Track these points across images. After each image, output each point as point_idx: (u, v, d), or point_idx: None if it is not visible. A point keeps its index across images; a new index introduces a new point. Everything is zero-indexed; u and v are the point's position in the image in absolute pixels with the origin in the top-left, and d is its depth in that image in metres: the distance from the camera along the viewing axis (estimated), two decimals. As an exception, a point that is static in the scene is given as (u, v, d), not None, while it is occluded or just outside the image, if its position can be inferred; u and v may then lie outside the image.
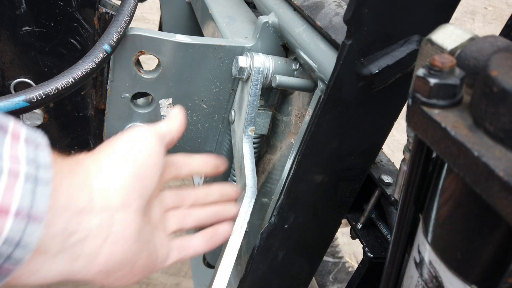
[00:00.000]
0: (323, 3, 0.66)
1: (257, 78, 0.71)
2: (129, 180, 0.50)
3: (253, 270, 0.70)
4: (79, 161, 0.49)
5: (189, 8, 1.26)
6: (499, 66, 0.28)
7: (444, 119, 0.30)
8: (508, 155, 0.27)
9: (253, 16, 0.91)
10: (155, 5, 3.56)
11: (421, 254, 0.38)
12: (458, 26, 0.37)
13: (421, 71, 0.31)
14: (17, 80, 0.74)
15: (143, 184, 0.51)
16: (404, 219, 0.41)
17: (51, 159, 0.41)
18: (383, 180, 0.64)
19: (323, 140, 0.57)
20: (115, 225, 0.47)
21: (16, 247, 0.37)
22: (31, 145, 0.40)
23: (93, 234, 0.45)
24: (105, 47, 0.64)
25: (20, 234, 0.37)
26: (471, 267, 0.33)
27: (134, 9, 0.69)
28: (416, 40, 0.50)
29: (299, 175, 0.61)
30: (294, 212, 0.65)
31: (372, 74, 0.51)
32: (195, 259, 1.12)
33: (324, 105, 0.54)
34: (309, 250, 0.71)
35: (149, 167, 0.52)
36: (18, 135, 0.39)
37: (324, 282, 1.22)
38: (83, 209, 0.44)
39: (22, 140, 0.39)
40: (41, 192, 0.38)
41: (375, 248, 0.66)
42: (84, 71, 0.62)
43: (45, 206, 0.39)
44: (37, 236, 0.38)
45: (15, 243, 0.37)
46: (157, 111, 0.78)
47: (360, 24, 0.48)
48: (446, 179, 0.35)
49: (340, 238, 1.82)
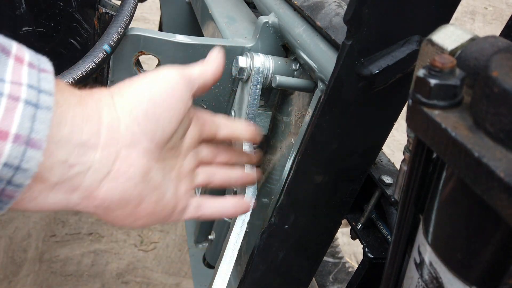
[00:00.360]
0: (323, 3, 0.66)
1: (257, 78, 0.71)
2: (141, 118, 0.47)
3: (253, 270, 0.70)
4: (90, 93, 0.46)
5: (189, 8, 1.26)
6: (499, 66, 0.28)
7: (445, 119, 0.30)
8: (508, 156, 0.27)
9: (253, 16, 0.91)
10: (155, 5, 3.56)
11: (421, 255, 0.38)
12: (458, 26, 0.37)
13: (421, 72, 0.31)
14: (17, 80, 0.74)
15: (158, 125, 0.49)
16: (404, 219, 0.41)
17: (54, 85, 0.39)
18: (383, 180, 0.64)
19: (323, 140, 0.57)
20: (118, 162, 0.46)
21: (16, 171, 0.36)
22: (35, 69, 0.38)
23: (94, 168, 0.44)
24: (105, 47, 0.64)
25: (19, 159, 0.36)
26: (471, 268, 0.33)
27: (134, 9, 0.69)
28: (417, 40, 0.50)
29: (299, 175, 0.61)
30: (294, 212, 0.65)
31: (372, 74, 0.51)
32: (195, 259, 1.12)
33: (324, 105, 0.54)
34: (309, 251, 0.71)
35: (167, 109, 0.49)
36: (22, 58, 0.38)
37: (324, 282, 1.22)
38: (87, 142, 0.43)
39: (25, 63, 0.38)
40: (41, 118, 0.37)
41: (375, 249, 0.66)
42: (84, 71, 0.62)
43: (44, 132, 0.37)
44: (36, 163, 0.37)
45: (14, 167, 0.36)
46: (157, 111, 0.78)
47: (360, 24, 0.48)
48: (446, 180, 0.35)
49: (340, 238, 1.82)
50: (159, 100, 0.49)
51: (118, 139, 0.46)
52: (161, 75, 0.51)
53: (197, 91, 0.55)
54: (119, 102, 0.47)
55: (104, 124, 0.45)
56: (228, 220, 0.93)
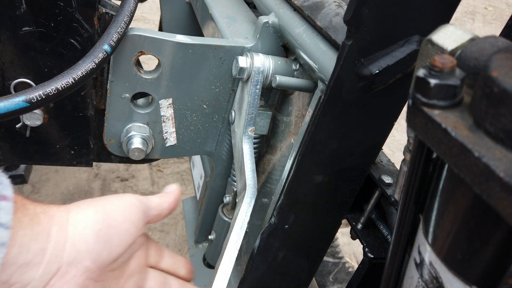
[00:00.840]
0: (323, 3, 0.66)
1: (257, 78, 0.71)
2: (90, 237, 0.49)
3: (253, 270, 0.70)
4: (46, 210, 0.48)
5: (189, 8, 1.26)
6: (499, 66, 0.28)
7: (445, 119, 0.30)
8: (508, 155, 0.27)
9: (253, 16, 0.91)
10: (155, 5, 3.56)
11: (421, 255, 0.38)
12: (458, 26, 0.37)
13: (422, 72, 0.31)
14: (17, 80, 0.74)
15: (105, 246, 0.50)
16: (405, 219, 0.41)
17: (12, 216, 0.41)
18: (383, 180, 0.64)
19: (323, 140, 0.57)
20: (55, 278, 0.47)
21: None
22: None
23: (32, 284, 0.45)
24: (105, 47, 0.63)
25: None
26: (471, 268, 0.33)
27: (134, 9, 0.69)
28: (416, 40, 0.50)
29: (299, 175, 0.61)
30: (294, 212, 0.65)
31: (372, 74, 0.51)
32: (195, 259, 1.12)
33: (324, 105, 0.54)
34: (309, 250, 0.71)
35: (119, 232, 0.52)
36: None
37: (324, 282, 1.22)
38: (31, 260, 0.45)
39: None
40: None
41: (375, 249, 0.66)
42: (84, 71, 0.62)
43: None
44: None
45: None
46: (157, 111, 0.78)
47: (360, 24, 0.48)
48: (446, 179, 0.35)
49: (340, 238, 1.82)
50: (113, 222, 0.51)
51: (62, 256, 0.47)
52: (121, 199, 0.54)
53: (152, 219, 0.58)
54: (72, 219, 0.49)
55: (52, 242, 0.47)
56: (228, 220, 0.93)
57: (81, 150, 0.85)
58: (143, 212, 0.56)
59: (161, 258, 0.63)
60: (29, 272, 0.45)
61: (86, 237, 0.49)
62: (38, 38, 0.71)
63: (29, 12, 0.68)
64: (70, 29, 0.71)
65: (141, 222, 0.55)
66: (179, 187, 0.63)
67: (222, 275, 0.63)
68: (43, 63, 0.73)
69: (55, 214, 0.48)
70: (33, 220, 0.45)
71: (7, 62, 0.72)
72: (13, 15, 0.68)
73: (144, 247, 0.59)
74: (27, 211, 0.45)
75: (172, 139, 0.82)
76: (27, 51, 0.72)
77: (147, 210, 0.56)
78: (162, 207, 0.59)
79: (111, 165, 2.23)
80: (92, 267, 0.50)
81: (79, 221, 0.49)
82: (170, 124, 0.80)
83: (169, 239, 1.99)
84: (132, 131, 0.78)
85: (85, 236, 0.49)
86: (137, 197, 0.56)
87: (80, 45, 0.73)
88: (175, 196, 0.61)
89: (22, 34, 0.70)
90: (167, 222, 2.00)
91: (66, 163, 0.86)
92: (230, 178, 0.91)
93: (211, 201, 0.98)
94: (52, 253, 0.46)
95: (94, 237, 0.49)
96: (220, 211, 0.94)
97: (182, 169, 2.30)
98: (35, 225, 0.45)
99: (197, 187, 1.20)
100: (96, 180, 2.14)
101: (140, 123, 0.78)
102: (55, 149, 0.83)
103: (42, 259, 0.45)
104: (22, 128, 0.78)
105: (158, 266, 0.63)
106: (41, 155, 0.84)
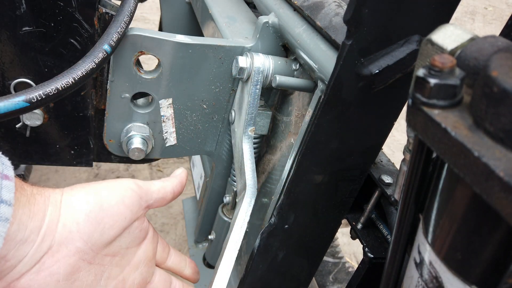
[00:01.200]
0: (323, 3, 0.66)
1: (257, 78, 0.71)
2: (80, 219, 0.50)
3: (253, 270, 0.70)
4: (42, 191, 0.50)
5: (189, 8, 1.26)
6: (499, 66, 0.28)
7: (444, 119, 0.30)
8: (508, 155, 0.27)
9: (253, 16, 0.91)
10: (155, 5, 3.56)
11: (421, 255, 0.38)
12: (458, 26, 0.37)
13: (421, 71, 0.31)
14: (17, 80, 0.74)
15: (97, 228, 0.51)
16: (404, 219, 0.41)
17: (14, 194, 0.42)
18: (383, 180, 0.64)
19: (323, 140, 0.57)
20: (45, 256, 0.48)
21: None
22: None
23: (24, 261, 0.46)
24: (105, 47, 0.63)
25: None
26: (471, 268, 0.33)
27: (134, 9, 0.69)
28: (416, 40, 0.50)
29: (299, 175, 0.61)
30: (294, 212, 0.65)
31: (372, 74, 0.51)
32: (195, 259, 1.12)
33: (324, 105, 0.54)
34: (309, 250, 0.71)
35: (112, 214, 0.52)
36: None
37: (324, 282, 1.22)
38: (28, 237, 0.46)
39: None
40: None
41: (375, 248, 0.66)
42: (84, 71, 0.62)
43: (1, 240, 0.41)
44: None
45: None
46: (157, 111, 0.78)
47: (360, 24, 0.48)
48: (446, 179, 0.35)
49: (340, 238, 1.82)
50: (106, 205, 0.52)
51: (54, 235, 0.48)
52: (116, 183, 0.54)
53: (154, 203, 0.58)
54: (66, 201, 0.50)
55: (46, 221, 0.48)
56: (228, 220, 0.93)
57: (81, 150, 0.85)
58: (140, 196, 0.55)
59: (168, 256, 0.63)
60: (24, 248, 0.46)
61: (77, 218, 0.50)
62: (38, 38, 0.71)
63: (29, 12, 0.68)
64: (70, 29, 0.71)
65: (137, 206, 0.55)
66: (185, 171, 0.62)
67: (222, 275, 0.63)
68: (43, 63, 0.73)
69: (50, 196, 0.50)
70: (30, 200, 0.47)
71: (7, 62, 0.72)
72: (13, 15, 0.68)
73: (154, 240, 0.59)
74: (24, 191, 0.47)
75: (172, 139, 0.82)
76: (27, 51, 0.72)
77: (146, 194, 0.56)
78: (165, 190, 0.59)
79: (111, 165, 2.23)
80: (85, 248, 0.50)
81: (71, 203, 0.50)
82: (170, 124, 0.80)
83: (169, 239, 1.99)
84: (132, 131, 0.78)
85: (75, 217, 0.50)
86: (136, 182, 0.56)
87: (80, 45, 0.73)
88: (180, 179, 0.61)
89: (22, 34, 0.70)
90: (167, 222, 2.00)
91: (66, 163, 0.86)
92: (230, 178, 0.91)
93: (211, 201, 0.98)
94: (45, 232, 0.47)
95: (85, 218, 0.50)
96: (220, 211, 0.94)
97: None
98: (32, 204, 0.47)
99: (197, 187, 1.20)
100: (96, 180, 2.14)
101: (140, 123, 0.78)
102: (55, 149, 0.83)
103: (36, 238, 0.47)
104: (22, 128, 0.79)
105: (164, 264, 0.63)
106: (41, 155, 0.84)
